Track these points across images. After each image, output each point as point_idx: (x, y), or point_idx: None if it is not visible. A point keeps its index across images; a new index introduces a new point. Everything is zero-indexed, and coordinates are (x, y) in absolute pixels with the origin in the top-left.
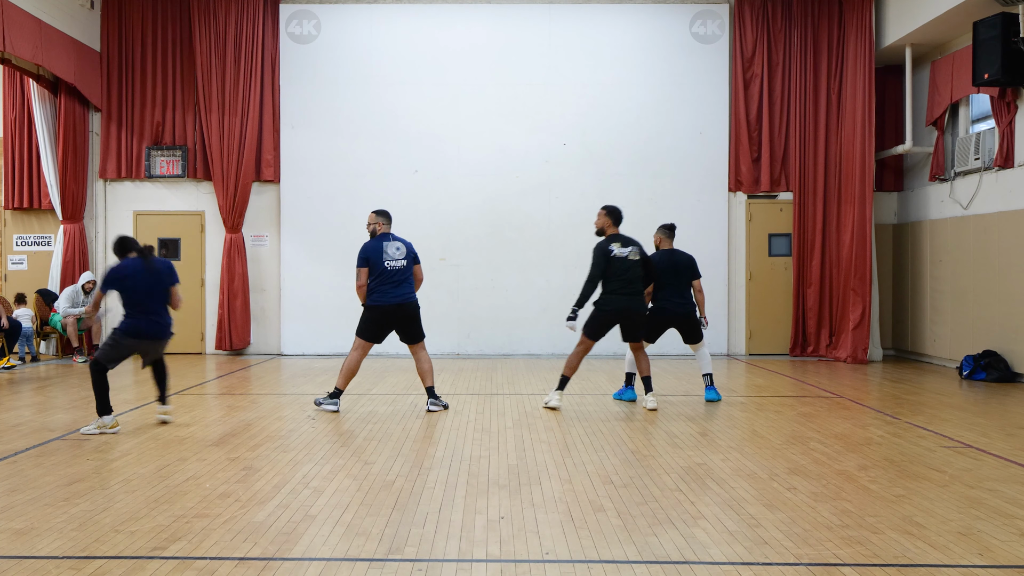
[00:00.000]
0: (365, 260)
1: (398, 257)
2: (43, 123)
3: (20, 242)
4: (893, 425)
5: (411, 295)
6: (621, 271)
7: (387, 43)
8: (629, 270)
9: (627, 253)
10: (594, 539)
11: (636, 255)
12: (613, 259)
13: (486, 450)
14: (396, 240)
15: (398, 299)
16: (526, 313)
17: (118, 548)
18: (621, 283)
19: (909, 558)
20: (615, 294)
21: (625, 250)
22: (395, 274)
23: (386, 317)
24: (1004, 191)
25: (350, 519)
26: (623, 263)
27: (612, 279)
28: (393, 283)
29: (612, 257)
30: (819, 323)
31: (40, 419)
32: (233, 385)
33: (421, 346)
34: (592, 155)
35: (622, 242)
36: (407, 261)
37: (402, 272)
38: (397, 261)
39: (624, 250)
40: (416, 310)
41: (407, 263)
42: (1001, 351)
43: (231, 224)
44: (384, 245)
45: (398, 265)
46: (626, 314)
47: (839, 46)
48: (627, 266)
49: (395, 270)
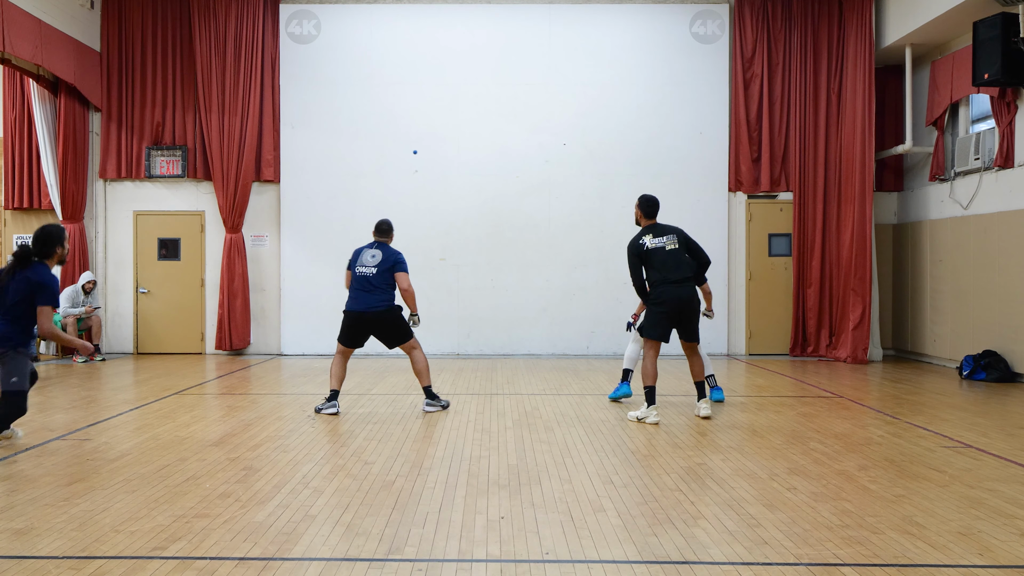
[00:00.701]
0: (349, 263)
1: (370, 264)
2: (43, 123)
3: (20, 242)
4: (893, 425)
5: (376, 304)
6: (660, 262)
7: (387, 43)
8: (669, 258)
9: (663, 243)
10: (594, 539)
11: (674, 243)
12: (647, 252)
13: (486, 450)
14: (376, 248)
15: (360, 307)
16: (526, 313)
17: (118, 548)
18: (664, 273)
19: (909, 558)
20: (661, 285)
21: (659, 240)
22: (361, 281)
23: (352, 323)
24: (1004, 191)
25: (350, 519)
26: (660, 253)
27: (655, 272)
28: (359, 289)
29: (646, 251)
30: (819, 323)
31: (40, 419)
32: (233, 385)
33: (410, 347)
34: (592, 155)
35: (654, 232)
36: (377, 269)
37: (370, 279)
38: (367, 268)
39: (657, 240)
40: (384, 316)
41: (377, 270)
42: (1001, 351)
43: (231, 224)
44: (362, 251)
45: (367, 272)
46: (678, 304)
47: (839, 46)
48: (665, 255)
49: (362, 276)
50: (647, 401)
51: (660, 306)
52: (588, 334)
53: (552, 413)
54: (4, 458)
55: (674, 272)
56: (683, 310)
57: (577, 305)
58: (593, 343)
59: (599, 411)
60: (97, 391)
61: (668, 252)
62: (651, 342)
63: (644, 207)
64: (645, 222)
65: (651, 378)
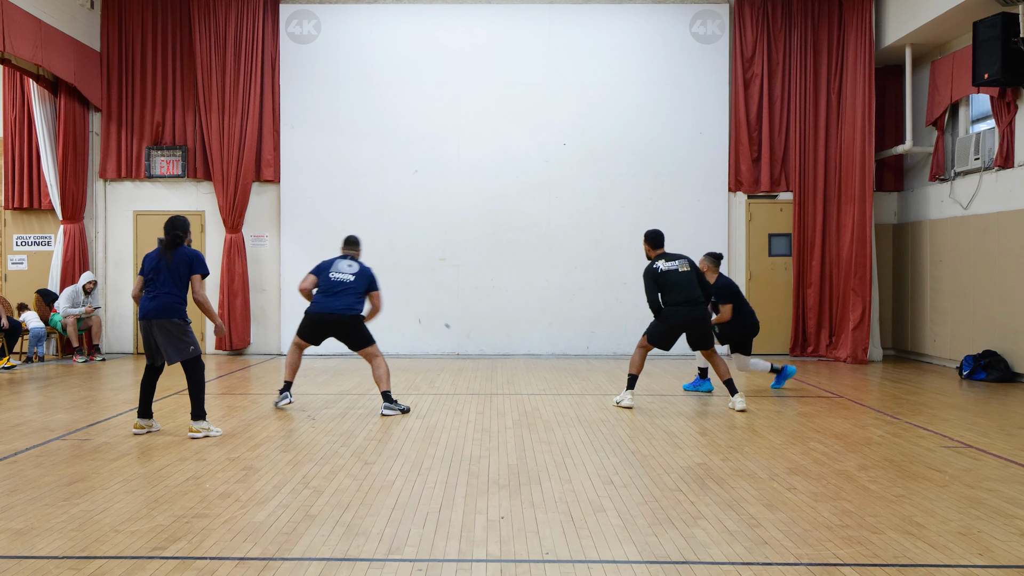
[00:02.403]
0: (315, 269)
1: (347, 272)
2: (43, 123)
3: (20, 242)
4: (893, 425)
5: (346, 308)
6: (675, 284)
7: (387, 43)
8: (682, 280)
9: (675, 266)
10: (594, 539)
11: (686, 266)
12: (662, 274)
13: (486, 450)
14: (351, 261)
15: (327, 309)
16: (526, 313)
17: (118, 548)
18: (679, 295)
19: (909, 558)
20: (676, 306)
21: (672, 264)
22: (335, 285)
23: (315, 324)
24: (1004, 191)
25: (350, 519)
26: (675, 275)
27: (670, 292)
28: (330, 294)
29: (660, 273)
30: (819, 323)
31: (40, 419)
32: (233, 385)
33: (372, 354)
34: (592, 155)
35: (666, 258)
36: (355, 278)
37: (344, 285)
38: (345, 275)
39: (670, 264)
40: (348, 322)
41: (355, 279)
42: (1001, 351)
43: (231, 224)
44: (337, 261)
45: (345, 278)
46: (688, 325)
47: (839, 46)
48: (679, 277)
49: (339, 281)
50: (628, 386)
51: (670, 324)
52: (588, 334)
53: (552, 413)
54: (4, 458)
55: (688, 294)
56: (692, 328)
57: (577, 305)
58: (593, 343)
59: (599, 411)
60: (97, 391)
61: (681, 275)
62: (649, 345)
63: (651, 240)
64: (654, 253)
65: (636, 368)
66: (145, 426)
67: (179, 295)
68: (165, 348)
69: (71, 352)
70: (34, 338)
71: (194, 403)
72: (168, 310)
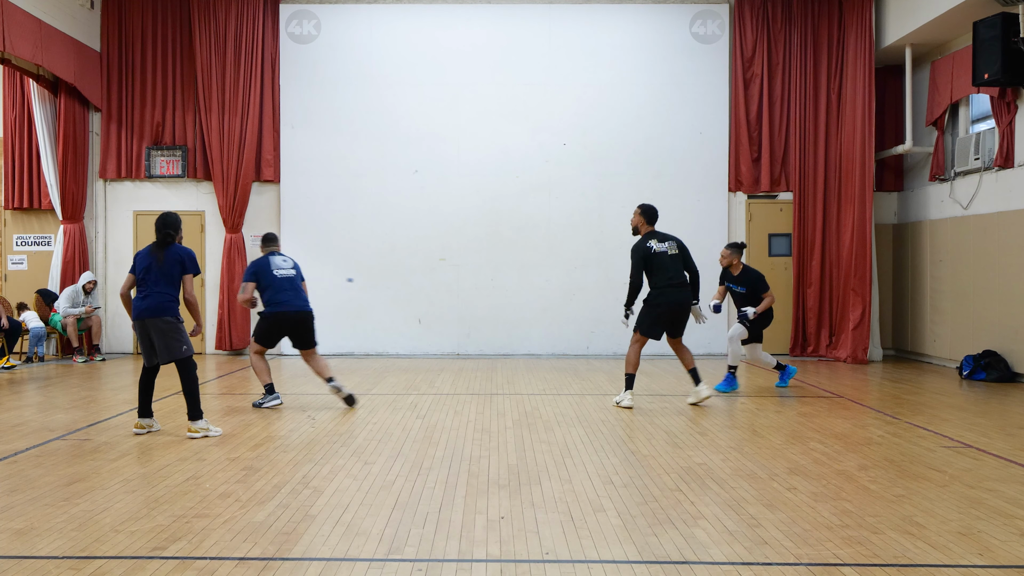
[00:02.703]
0: (252, 275)
1: (286, 268)
2: (43, 123)
3: (20, 242)
4: (893, 425)
5: (304, 304)
6: (663, 266)
7: (387, 43)
8: (671, 263)
9: (666, 248)
10: (594, 539)
11: (675, 249)
12: (653, 255)
13: (486, 450)
14: (281, 256)
15: (292, 307)
16: (526, 313)
17: (118, 548)
18: (667, 277)
19: (909, 558)
20: (663, 288)
21: (663, 245)
22: (285, 282)
23: (279, 324)
24: (1004, 191)
25: (350, 519)
26: (664, 257)
27: (657, 274)
28: (288, 290)
29: (652, 254)
30: (819, 323)
31: (40, 419)
32: (233, 385)
33: (313, 352)
34: (592, 155)
35: (658, 238)
36: (296, 271)
37: (293, 280)
38: (286, 270)
39: (662, 245)
40: (307, 317)
41: (296, 272)
42: (1001, 351)
43: (231, 224)
44: (270, 259)
45: (289, 273)
46: (676, 308)
47: (839, 46)
48: (668, 260)
49: (285, 278)
50: (626, 387)
51: (659, 307)
52: (588, 334)
53: (552, 413)
54: (4, 458)
55: (675, 276)
56: (679, 312)
57: (577, 305)
58: (593, 343)
59: (599, 411)
60: (97, 391)
61: (670, 257)
62: (643, 338)
63: (647, 214)
64: (646, 228)
65: (633, 367)
66: (146, 426)
67: (171, 294)
68: (159, 347)
69: (71, 352)
70: (34, 338)
71: (190, 403)
72: (160, 309)
